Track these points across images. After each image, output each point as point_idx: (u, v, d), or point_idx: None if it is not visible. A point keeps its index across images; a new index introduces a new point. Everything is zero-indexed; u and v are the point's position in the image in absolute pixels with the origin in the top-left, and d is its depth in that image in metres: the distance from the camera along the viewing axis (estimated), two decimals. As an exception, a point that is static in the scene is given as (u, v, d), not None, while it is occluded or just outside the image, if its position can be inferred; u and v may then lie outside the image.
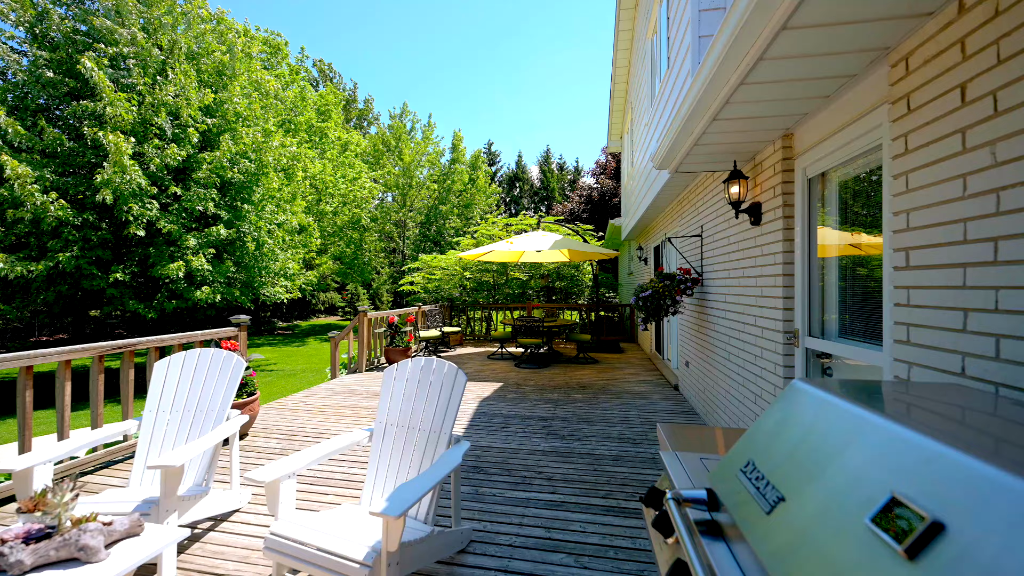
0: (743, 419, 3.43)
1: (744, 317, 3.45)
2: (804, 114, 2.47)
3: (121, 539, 1.54)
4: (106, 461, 3.46)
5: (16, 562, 1.34)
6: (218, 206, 10.64)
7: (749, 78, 1.99)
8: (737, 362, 3.60)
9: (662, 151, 3.40)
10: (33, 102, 9.59)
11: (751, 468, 0.93)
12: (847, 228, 2.39)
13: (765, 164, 3.07)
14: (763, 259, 3.08)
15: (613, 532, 2.48)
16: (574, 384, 6.13)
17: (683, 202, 5.70)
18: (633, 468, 3.32)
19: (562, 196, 37.36)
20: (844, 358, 2.34)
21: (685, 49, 3.91)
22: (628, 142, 9.93)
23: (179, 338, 3.92)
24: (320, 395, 5.64)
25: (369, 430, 2.46)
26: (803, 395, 0.97)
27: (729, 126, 2.63)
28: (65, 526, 1.48)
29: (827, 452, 0.80)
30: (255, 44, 12.87)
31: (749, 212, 3.20)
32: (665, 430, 1.66)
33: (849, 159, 2.25)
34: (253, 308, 16.35)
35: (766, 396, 3.01)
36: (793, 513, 0.76)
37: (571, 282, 12.55)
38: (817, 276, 2.61)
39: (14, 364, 2.84)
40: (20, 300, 9.62)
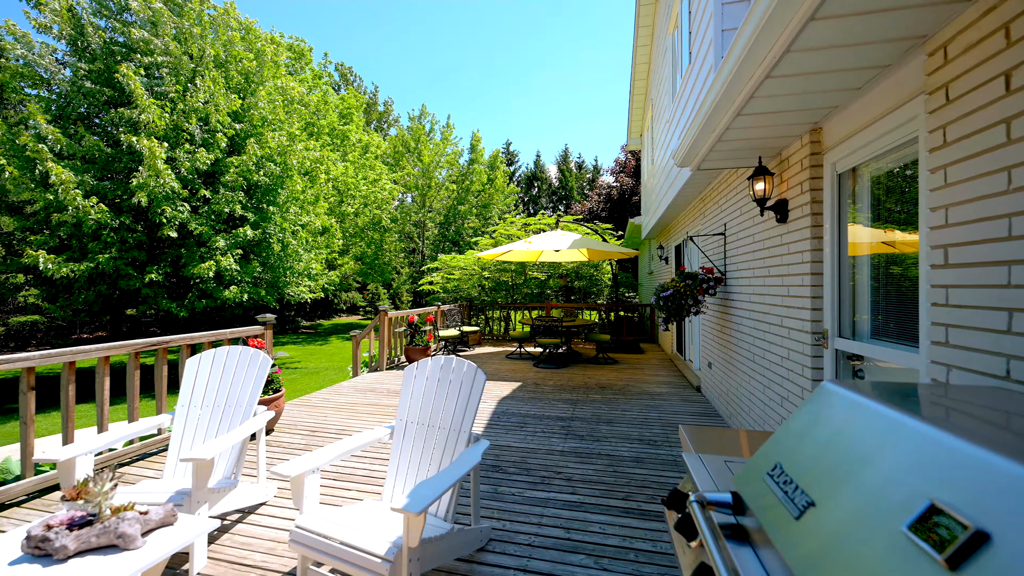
0: (768, 422, 3.34)
1: (770, 317, 3.36)
2: (833, 107, 2.39)
3: (156, 528, 1.61)
4: (141, 453, 3.61)
5: (61, 547, 1.42)
6: (245, 208, 10.97)
7: (775, 71, 1.93)
8: (762, 364, 3.51)
9: (683, 148, 3.34)
10: (74, 111, 10.08)
11: (778, 472, 0.91)
12: (880, 225, 2.30)
13: (792, 160, 2.98)
14: (790, 257, 3.00)
15: (633, 534, 2.45)
16: (593, 384, 6.08)
17: (705, 200, 5.58)
18: (653, 470, 3.27)
19: (581, 195, 37.13)
20: (877, 360, 2.26)
21: (707, 44, 3.83)
22: (648, 140, 9.79)
23: (209, 336, 4.06)
24: (342, 393, 5.75)
25: (390, 427, 2.50)
26: (834, 397, 0.94)
27: (754, 121, 2.56)
28: (105, 514, 1.55)
29: (860, 456, 0.77)
30: (281, 51, 13.23)
31: (775, 209, 3.11)
32: (687, 432, 1.64)
33: (882, 153, 2.17)
34: (278, 307, 16.81)
35: (793, 399, 2.92)
36: (824, 518, 0.73)
37: (590, 282, 12.47)
38: (848, 275, 2.52)
39: (58, 360, 3.00)
40: (63, 299, 10.13)
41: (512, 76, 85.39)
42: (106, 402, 3.29)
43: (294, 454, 3.68)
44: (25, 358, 2.82)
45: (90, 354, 3.18)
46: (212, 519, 1.78)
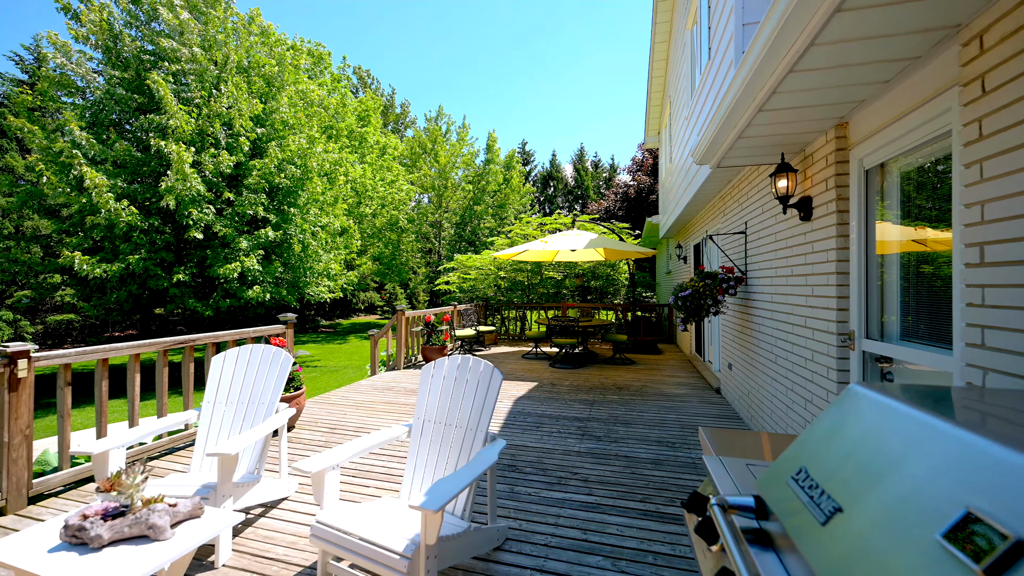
0: (791, 425, 3.26)
1: (793, 318, 3.28)
2: (860, 101, 2.32)
3: (184, 520, 1.66)
4: (170, 448, 3.73)
5: (96, 536, 1.48)
6: (267, 210, 11.24)
7: (799, 65, 1.88)
8: (785, 365, 3.43)
9: (703, 145, 3.28)
10: (107, 117, 10.48)
11: (803, 476, 0.89)
12: (909, 222, 2.22)
13: (816, 156, 2.90)
14: (814, 256, 2.92)
15: (651, 537, 2.42)
16: (610, 385, 6.03)
17: (725, 198, 5.48)
18: (672, 472, 3.23)
19: (597, 194, 36.86)
20: (906, 362, 2.18)
21: (728, 38, 3.76)
22: (666, 137, 9.66)
23: (233, 334, 4.17)
24: (361, 391, 5.84)
25: (408, 426, 2.53)
26: (862, 400, 0.91)
27: (776, 117, 2.50)
28: (136, 506, 1.61)
29: (889, 461, 0.75)
30: (301, 56, 13.50)
31: (798, 207, 3.03)
32: (707, 434, 1.61)
33: (912, 148, 2.09)
34: (298, 307, 17.18)
35: (817, 401, 2.84)
36: (851, 524, 0.71)
37: (607, 281, 12.37)
38: (876, 274, 2.44)
39: (93, 357, 3.12)
40: (97, 299, 10.55)
41: (527, 76, 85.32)
42: (137, 398, 3.41)
43: (314, 451, 3.75)
44: (62, 355, 2.94)
45: (122, 351, 3.31)
46: (236, 512, 1.83)
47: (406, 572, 1.68)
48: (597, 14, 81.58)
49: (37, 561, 1.40)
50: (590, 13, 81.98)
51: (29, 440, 2.77)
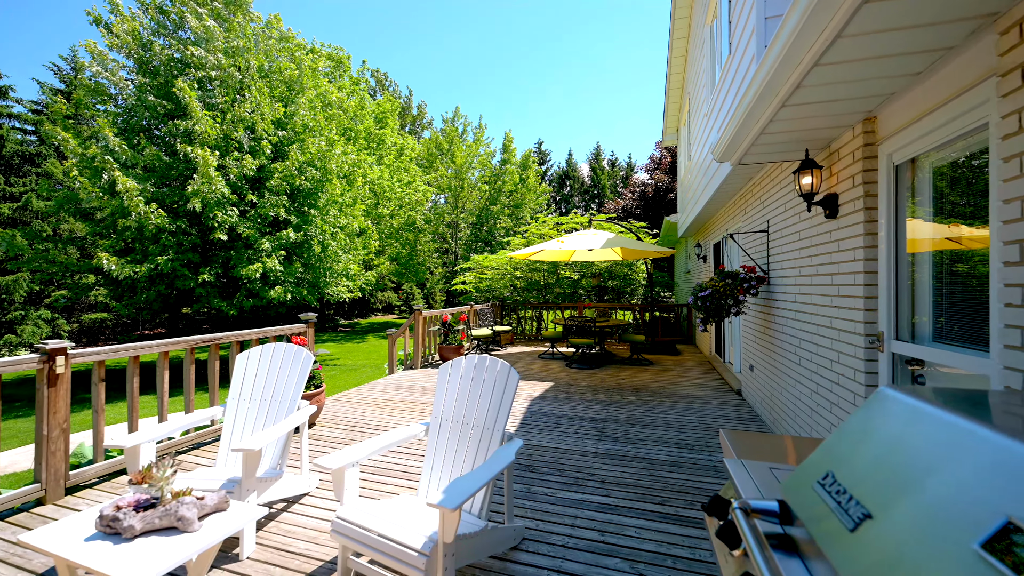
0: (816, 429, 3.17)
1: (817, 318, 3.19)
2: (889, 94, 2.24)
3: (211, 513, 1.71)
4: (196, 443, 3.85)
5: (129, 527, 1.53)
6: (288, 211, 11.48)
7: (824, 59, 1.83)
8: (809, 367, 3.34)
9: (723, 142, 3.22)
10: (137, 123, 10.87)
11: (830, 480, 0.86)
12: (942, 219, 2.13)
13: (843, 151, 2.82)
14: (840, 255, 2.83)
15: (671, 540, 2.39)
16: (627, 386, 5.97)
17: (746, 196, 5.37)
18: (692, 475, 3.18)
19: (614, 193, 36.54)
20: (939, 365, 2.10)
21: (749, 32, 3.68)
22: (684, 135, 9.51)
23: (256, 333, 4.28)
24: (379, 389, 5.92)
25: (425, 424, 2.55)
26: (893, 403, 0.88)
27: (800, 112, 2.44)
28: (166, 498, 1.66)
29: (923, 467, 0.72)
30: (320, 60, 13.76)
31: (824, 204, 2.95)
32: (729, 436, 1.58)
33: (945, 142, 2.01)
34: (318, 306, 17.52)
35: (844, 404, 2.76)
36: (882, 532, 0.69)
37: (624, 281, 12.25)
38: (906, 274, 2.35)
39: (125, 354, 3.24)
40: (128, 298, 10.96)
41: (544, 75, 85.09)
42: (166, 394, 3.53)
43: (334, 447, 3.82)
44: (97, 352, 3.07)
45: (152, 349, 3.43)
46: (260, 507, 1.88)
47: (424, 569, 1.69)
48: (614, 12, 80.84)
49: (75, 549, 1.47)
50: (606, 11, 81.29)
51: (66, 433, 2.90)
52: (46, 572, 2.16)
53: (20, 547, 2.33)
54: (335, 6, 74.04)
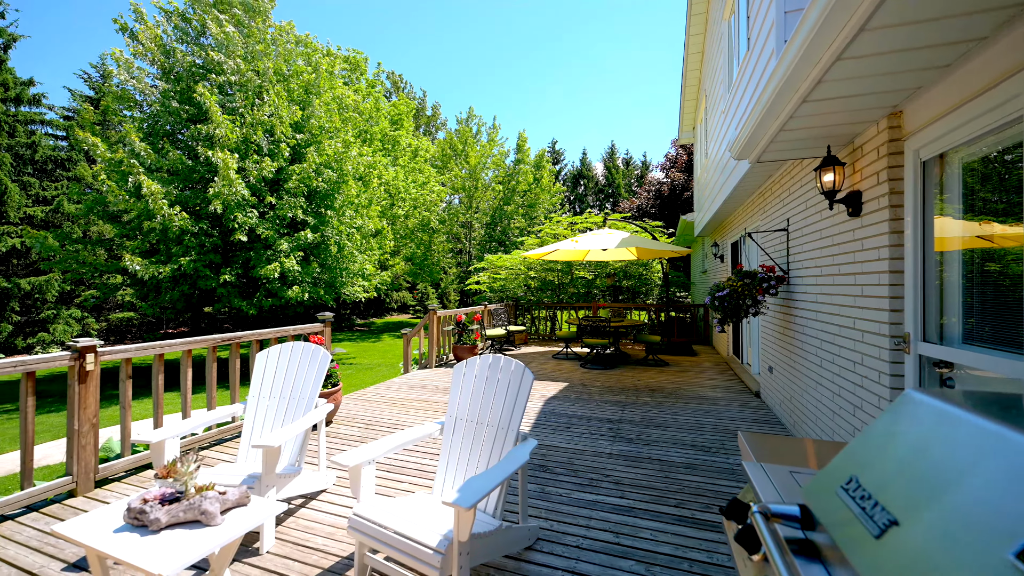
0: (838, 432, 3.09)
1: (839, 319, 3.12)
2: (916, 88, 2.17)
3: (233, 507, 1.75)
4: (218, 439, 3.95)
5: (155, 519, 1.58)
6: (306, 213, 11.68)
7: (847, 53, 1.79)
8: (831, 369, 3.26)
9: (741, 139, 3.16)
10: (161, 128, 11.20)
11: (854, 485, 0.84)
12: (972, 217, 2.06)
13: (866, 148, 2.74)
14: (863, 254, 2.76)
15: (687, 543, 2.36)
16: (642, 387, 5.92)
17: (765, 194, 5.26)
18: (708, 478, 3.13)
19: (628, 192, 36.22)
20: (969, 368, 2.02)
21: (768, 27, 3.61)
22: (701, 132, 9.37)
23: (275, 332, 4.37)
24: (394, 388, 5.98)
25: (440, 423, 2.57)
26: (920, 407, 0.85)
27: (821, 108, 2.38)
28: (190, 492, 1.71)
29: (952, 473, 0.70)
30: (337, 63, 13.95)
31: (846, 202, 2.88)
32: (748, 439, 1.55)
33: (976, 136, 1.94)
34: (335, 306, 17.78)
35: (868, 408, 2.69)
36: (909, 538, 0.67)
37: (639, 281, 12.13)
38: (933, 273, 2.28)
39: (150, 352, 3.35)
40: (152, 298, 11.29)
41: (558, 75, 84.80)
42: (189, 391, 3.63)
43: (351, 445, 3.87)
44: (124, 350, 3.17)
45: (176, 347, 3.53)
46: (280, 502, 1.92)
47: (440, 567, 1.71)
48: (629, 9, 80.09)
49: (105, 541, 1.52)
50: (622, 8, 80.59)
51: (96, 428, 3.00)
52: (78, 561, 2.24)
53: (53, 537, 2.43)
54: (348, 9, 75.08)
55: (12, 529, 2.52)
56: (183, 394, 3.61)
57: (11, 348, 14.96)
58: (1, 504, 2.59)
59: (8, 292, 14.66)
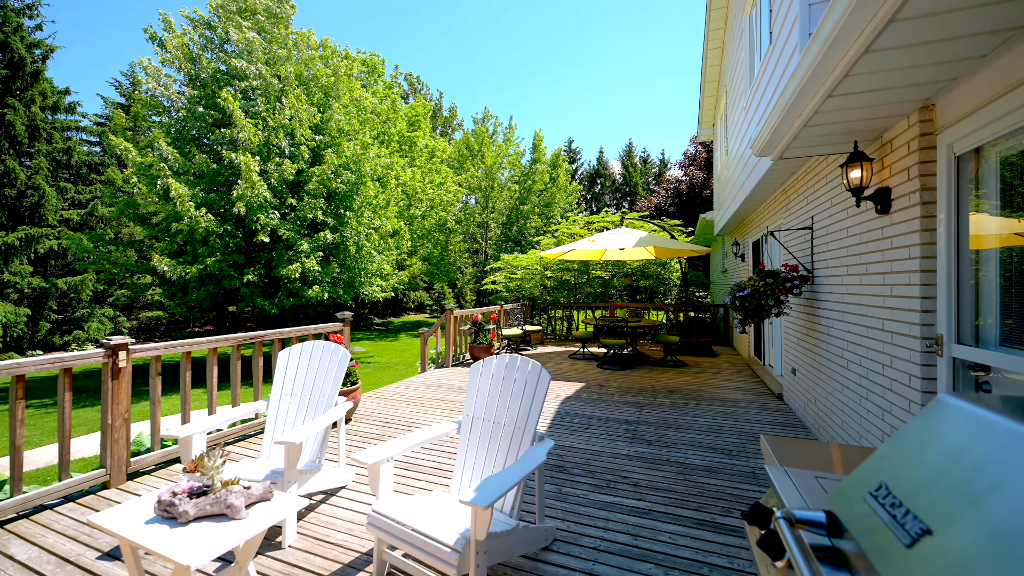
0: (865, 436, 3.00)
1: (867, 320, 3.02)
2: (950, 80, 2.09)
3: (256, 502, 1.80)
4: (242, 435, 4.06)
5: (183, 512, 1.64)
6: (325, 214, 11.91)
7: (876, 45, 1.73)
8: (858, 371, 3.16)
9: (764, 136, 3.09)
10: (188, 133, 11.56)
11: (884, 492, 0.81)
12: (1011, 213, 1.97)
13: (896, 143, 2.65)
14: (893, 253, 2.67)
15: (707, 548, 2.32)
16: (661, 388, 5.84)
17: (788, 191, 5.13)
18: (729, 481, 3.07)
19: (646, 191, 35.79)
20: (1007, 371, 1.94)
21: (791, 21, 3.52)
22: (721, 129, 9.20)
23: (296, 331, 4.46)
24: (411, 387, 6.04)
25: (457, 423, 2.58)
26: (955, 411, 0.82)
27: (848, 102, 2.31)
28: (216, 486, 1.76)
29: (989, 482, 0.67)
30: (355, 66, 14.17)
31: (875, 199, 2.78)
32: (770, 442, 1.52)
33: (1015, 129, 1.85)
34: (354, 305, 18.06)
35: (897, 412, 2.60)
36: (944, 549, 0.65)
37: (657, 281, 11.98)
38: (968, 272, 2.18)
39: (179, 350, 3.46)
40: (180, 297, 11.67)
41: (574, 73, 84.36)
42: (215, 388, 3.74)
43: (369, 443, 3.93)
44: (154, 348, 3.29)
45: (202, 345, 3.64)
46: (301, 498, 1.96)
47: (457, 565, 1.72)
48: (646, 4, 79.09)
49: (137, 531, 1.58)
50: (638, 4, 79.64)
51: (128, 423, 3.12)
52: (111, 550, 2.33)
53: (88, 526, 2.54)
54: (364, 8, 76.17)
55: (51, 518, 2.64)
56: (209, 391, 3.72)
57: (49, 345, 15.66)
58: (41, 494, 2.71)
59: (47, 292, 15.35)
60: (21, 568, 2.19)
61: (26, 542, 2.40)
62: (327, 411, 2.98)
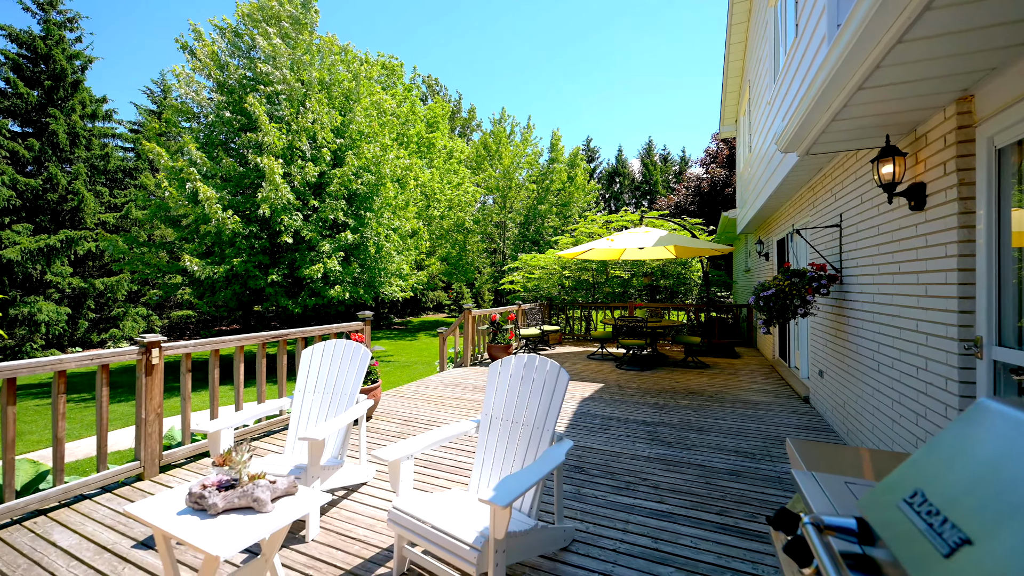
0: (898, 442, 2.89)
1: (900, 321, 2.90)
2: (990, 69, 1.99)
3: (282, 496, 1.85)
4: (267, 430, 4.17)
5: (213, 504, 1.69)
6: (346, 215, 12.13)
7: (909, 34, 1.66)
8: (891, 374, 3.04)
9: (789, 131, 3.01)
10: (216, 138, 11.95)
11: (919, 499, 0.78)
12: (1059, 209, 1.86)
13: (931, 136, 2.54)
14: (928, 251, 2.56)
15: (730, 553, 2.27)
16: (681, 389, 5.74)
17: (815, 188, 4.98)
18: (753, 485, 3.00)
19: (666, 189, 35.26)
20: (1054, 375, 1.83)
21: (819, 11, 3.41)
22: (744, 125, 8.99)
23: (319, 330, 4.56)
24: (430, 386, 6.10)
25: (476, 421, 2.60)
26: (996, 416, 0.78)
27: (880, 95, 2.23)
28: (244, 480, 1.82)
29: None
30: (375, 69, 14.39)
31: (908, 195, 2.68)
32: (797, 446, 1.48)
33: (1063, 120, 1.76)
34: (374, 305, 18.34)
35: (933, 416, 2.49)
36: (983, 559, 0.62)
37: (677, 280, 11.78)
38: (1011, 271, 2.08)
39: (208, 347, 3.57)
40: (208, 297, 12.07)
41: (592, 70, 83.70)
42: (241, 385, 3.85)
43: (390, 440, 3.99)
44: (184, 345, 3.41)
45: (230, 344, 3.75)
46: (324, 493, 2.00)
47: (476, 563, 1.73)
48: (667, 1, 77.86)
49: (170, 522, 1.64)
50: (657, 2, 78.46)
51: (160, 418, 3.24)
52: (145, 540, 2.43)
53: (124, 516, 2.65)
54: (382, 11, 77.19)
55: (90, 508, 2.77)
56: (236, 387, 3.83)
57: (87, 342, 16.40)
58: (81, 484, 2.84)
59: (85, 291, 16.08)
60: (63, 554, 2.30)
61: (67, 529, 2.52)
62: (348, 408, 3.03)
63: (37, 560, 2.25)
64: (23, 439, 6.07)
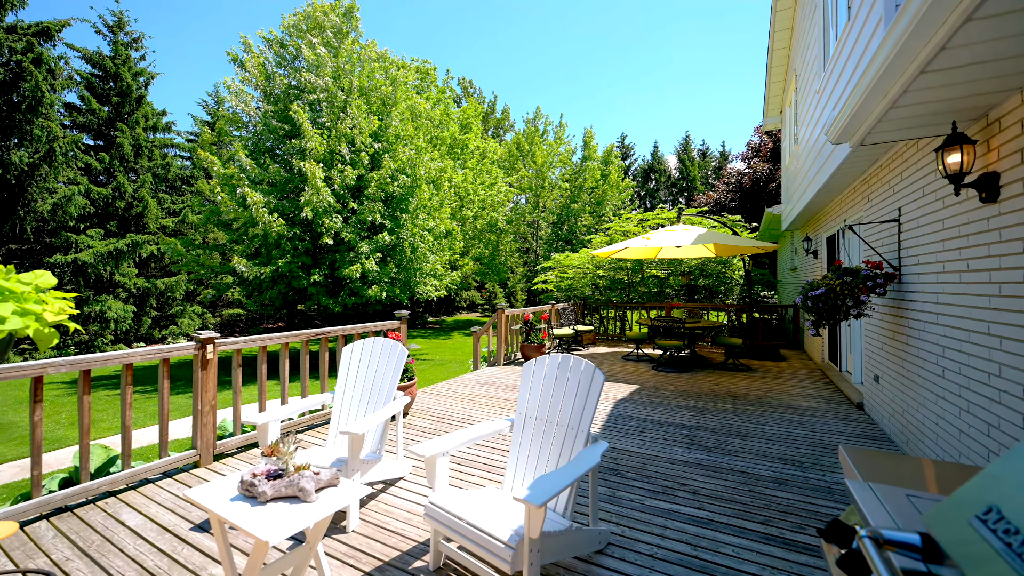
0: (966, 453, 2.66)
1: (968, 323, 2.68)
2: (1078, 45, 1.79)
3: (325, 487, 1.92)
4: (310, 424, 4.35)
5: (262, 492, 1.79)
6: (383, 216, 12.48)
7: (980, 11, 1.53)
8: (957, 380, 2.81)
9: (841, 120, 2.84)
10: (263, 145, 12.60)
11: (994, 516, 0.72)
12: None
13: (1006, 121, 2.32)
14: (1001, 247, 2.35)
15: (775, 564, 2.17)
16: (722, 392, 5.54)
17: (869, 180, 4.67)
18: (800, 495, 2.85)
19: (705, 185, 34.10)
20: None
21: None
22: (790, 116, 8.55)
23: (358, 328, 4.71)
24: (464, 384, 6.18)
25: (510, 420, 2.61)
26: (1089, 429, 0.70)
27: (944, 78, 2.06)
28: (290, 470, 1.90)
29: None
30: (410, 74, 14.73)
31: (978, 186, 2.46)
32: (851, 455, 1.39)
33: None
34: (409, 304, 18.77)
35: (1007, 427, 2.28)
36: (1075, 587, 0.56)
37: (717, 279, 11.38)
38: (1102, 268, 1.87)
39: (256, 344, 3.77)
40: (256, 296, 12.76)
41: (626, 64, 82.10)
42: (286, 380, 4.04)
43: (425, 437, 4.07)
44: (235, 342, 3.61)
45: (276, 340, 3.94)
46: (364, 486, 2.07)
47: (511, 561, 1.73)
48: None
49: (224, 507, 1.74)
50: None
51: (214, 410, 3.45)
52: (201, 523, 2.59)
53: (183, 501, 2.84)
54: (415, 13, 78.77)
55: (153, 491, 2.98)
56: (281, 382, 4.03)
57: (149, 338, 17.71)
58: (145, 469, 3.07)
59: (148, 291, 17.37)
60: (130, 533, 2.50)
61: (134, 510, 2.73)
62: (387, 404, 3.12)
63: (108, 537, 2.45)
64: (96, 426, 6.62)
